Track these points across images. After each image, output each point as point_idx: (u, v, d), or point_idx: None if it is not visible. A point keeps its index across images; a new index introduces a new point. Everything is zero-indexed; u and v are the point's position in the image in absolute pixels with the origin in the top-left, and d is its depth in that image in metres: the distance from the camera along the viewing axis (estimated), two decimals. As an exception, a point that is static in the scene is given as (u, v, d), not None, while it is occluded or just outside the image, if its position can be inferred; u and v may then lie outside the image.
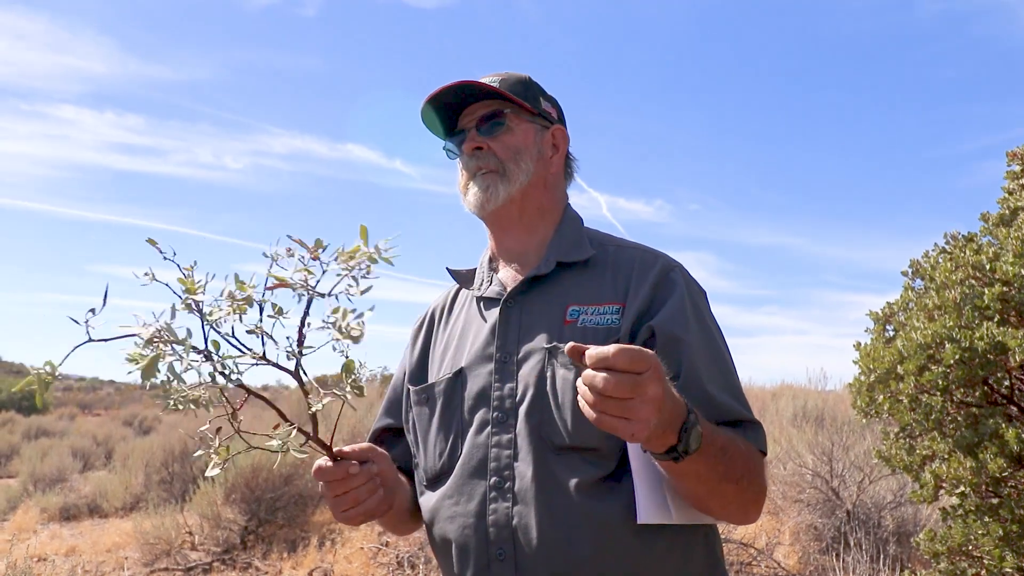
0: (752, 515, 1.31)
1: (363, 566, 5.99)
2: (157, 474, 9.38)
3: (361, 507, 1.29)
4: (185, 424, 11.07)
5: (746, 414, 1.30)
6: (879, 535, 5.67)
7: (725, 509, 1.27)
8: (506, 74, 1.50)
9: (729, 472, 1.19)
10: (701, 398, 1.26)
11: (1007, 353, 2.65)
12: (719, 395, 1.28)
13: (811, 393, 10.56)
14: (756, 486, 1.26)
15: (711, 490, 1.20)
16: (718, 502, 1.24)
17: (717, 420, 1.26)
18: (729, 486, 1.21)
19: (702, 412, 1.25)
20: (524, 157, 1.45)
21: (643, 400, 0.99)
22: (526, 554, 1.27)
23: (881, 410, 3.05)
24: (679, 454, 1.09)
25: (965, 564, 2.88)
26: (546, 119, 1.52)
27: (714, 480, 1.18)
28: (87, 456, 13.65)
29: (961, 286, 2.86)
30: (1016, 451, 2.59)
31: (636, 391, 0.98)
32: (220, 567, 6.63)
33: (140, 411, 23.71)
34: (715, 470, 1.16)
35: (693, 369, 1.28)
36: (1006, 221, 3.02)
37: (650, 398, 0.99)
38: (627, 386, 0.97)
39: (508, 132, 1.46)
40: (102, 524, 8.97)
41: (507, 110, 1.46)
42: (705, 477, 1.17)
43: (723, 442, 1.18)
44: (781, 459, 6.73)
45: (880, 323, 3.61)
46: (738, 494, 1.23)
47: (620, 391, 0.97)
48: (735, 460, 1.20)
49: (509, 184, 1.44)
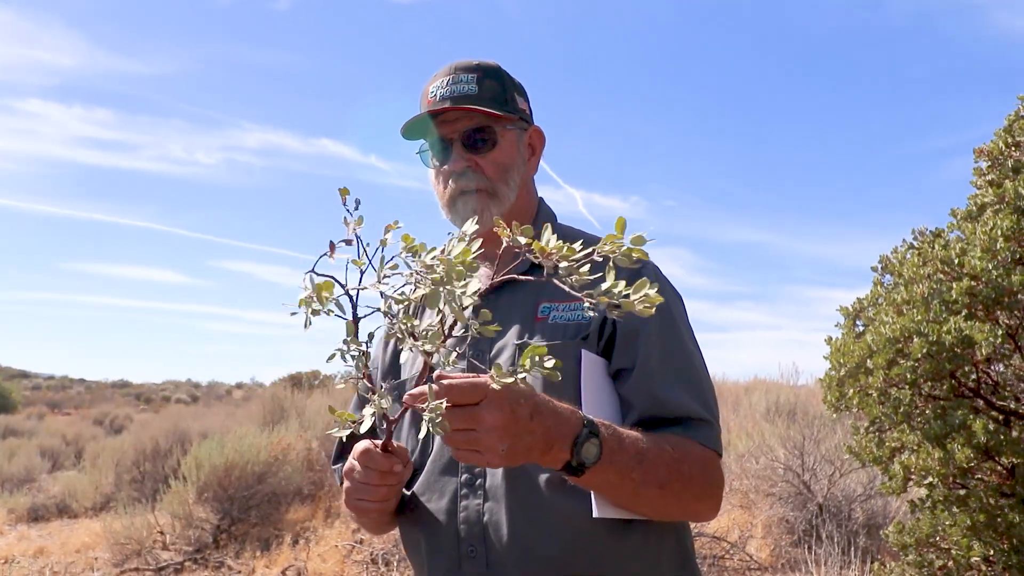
0: (704, 513, 1.31)
1: (337, 564, 5.95)
2: (128, 473, 9.26)
3: (380, 504, 1.27)
4: (157, 423, 10.94)
5: (698, 411, 1.29)
6: (849, 527, 5.74)
7: (659, 513, 1.26)
8: (477, 68, 1.47)
9: (648, 478, 1.17)
10: (648, 395, 1.26)
11: (974, 347, 2.70)
12: (670, 392, 1.27)
13: (783, 388, 10.68)
14: (695, 486, 1.24)
15: (631, 496, 1.19)
16: (646, 507, 1.23)
17: (663, 417, 1.26)
18: (651, 491, 1.19)
19: (649, 409, 1.26)
20: (512, 174, 1.45)
21: (484, 429, 1.01)
22: (497, 551, 1.26)
23: (851, 404, 3.09)
24: (575, 469, 1.10)
25: (933, 555, 2.92)
26: (524, 120, 1.51)
27: (630, 487, 1.17)
28: (56, 456, 13.45)
29: (929, 281, 2.90)
30: (983, 442, 2.63)
31: (474, 422, 1.01)
32: (192, 567, 6.55)
33: (111, 410, 23.40)
34: (629, 478, 1.15)
35: (646, 364, 1.28)
36: (974, 216, 3.06)
37: (490, 426, 1.01)
38: (461, 418, 1.00)
39: (495, 148, 1.44)
40: (71, 525, 8.83)
41: (492, 125, 1.44)
42: (618, 486, 1.16)
43: (638, 448, 1.17)
44: (754, 453, 6.79)
45: (850, 318, 3.65)
46: (665, 498, 1.21)
47: (458, 424, 1.00)
48: (655, 465, 1.18)
49: (500, 205, 1.44)
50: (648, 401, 1.26)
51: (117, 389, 40.76)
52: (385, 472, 1.21)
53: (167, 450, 9.32)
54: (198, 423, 10.89)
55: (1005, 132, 2.90)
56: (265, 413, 10.15)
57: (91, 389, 40.38)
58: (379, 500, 1.25)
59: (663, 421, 1.26)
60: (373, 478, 1.22)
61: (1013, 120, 2.88)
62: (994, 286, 2.67)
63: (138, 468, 9.22)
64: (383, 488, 1.23)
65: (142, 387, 41.55)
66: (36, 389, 38.18)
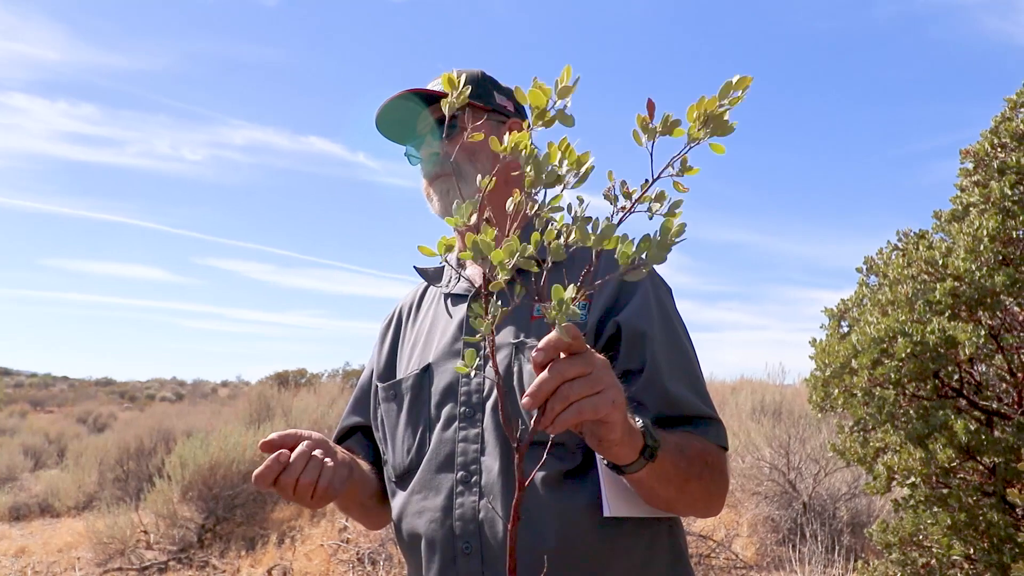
0: (715, 508, 1.32)
1: (323, 563, 5.93)
2: (112, 472, 9.20)
3: (314, 487, 1.22)
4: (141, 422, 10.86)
5: (706, 411, 1.31)
6: (834, 526, 5.78)
7: (692, 506, 1.27)
8: (461, 72, 1.49)
9: (691, 469, 1.19)
10: (661, 394, 1.27)
11: (957, 347, 2.71)
12: (680, 392, 1.29)
13: (769, 387, 10.72)
14: (718, 480, 1.27)
15: (679, 489, 1.20)
16: (686, 500, 1.24)
17: (676, 416, 1.27)
18: (694, 483, 1.21)
19: (662, 409, 1.26)
20: (480, 156, 1.46)
21: (598, 368, 0.95)
22: (492, 548, 1.26)
23: (836, 404, 3.10)
24: (653, 449, 1.09)
25: (916, 554, 2.94)
26: (502, 114, 1.52)
27: (680, 479, 1.18)
28: (39, 454, 13.34)
29: (913, 282, 2.92)
30: (964, 442, 2.65)
31: (590, 364, 0.94)
32: (176, 566, 6.51)
33: (94, 408, 23.23)
34: (679, 468, 1.16)
35: (656, 365, 1.28)
36: (958, 217, 3.08)
37: (603, 363, 0.96)
38: (580, 364, 0.93)
39: (462, 133, 1.46)
40: (53, 524, 8.76)
41: (461, 115, 1.47)
42: (672, 476, 1.17)
43: (677, 439, 1.19)
44: (740, 452, 6.83)
45: (835, 319, 3.67)
46: (703, 490, 1.24)
47: (580, 367, 0.93)
48: (693, 457, 1.21)
49: (467, 184, 1.44)
50: (660, 400, 1.26)
51: (101, 387, 40.45)
52: (282, 468, 1.19)
53: (151, 449, 9.27)
54: (183, 421, 10.83)
55: (991, 133, 2.92)
56: (251, 411, 10.11)
57: (74, 387, 40.07)
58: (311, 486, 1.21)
59: (674, 420, 1.27)
60: (283, 481, 1.20)
61: (1000, 121, 2.90)
62: (977, 287, 2.69)
63: (122, 467, 9.16)
64: (302, 480, 1.20)
65: (126, 385, 41.25)
66: (19, 387, 37.82)
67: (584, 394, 0.93)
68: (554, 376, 0.91)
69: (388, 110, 1.50)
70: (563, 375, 0.92)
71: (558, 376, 0.92)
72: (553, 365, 0.92)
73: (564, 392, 0.92)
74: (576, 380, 0.92)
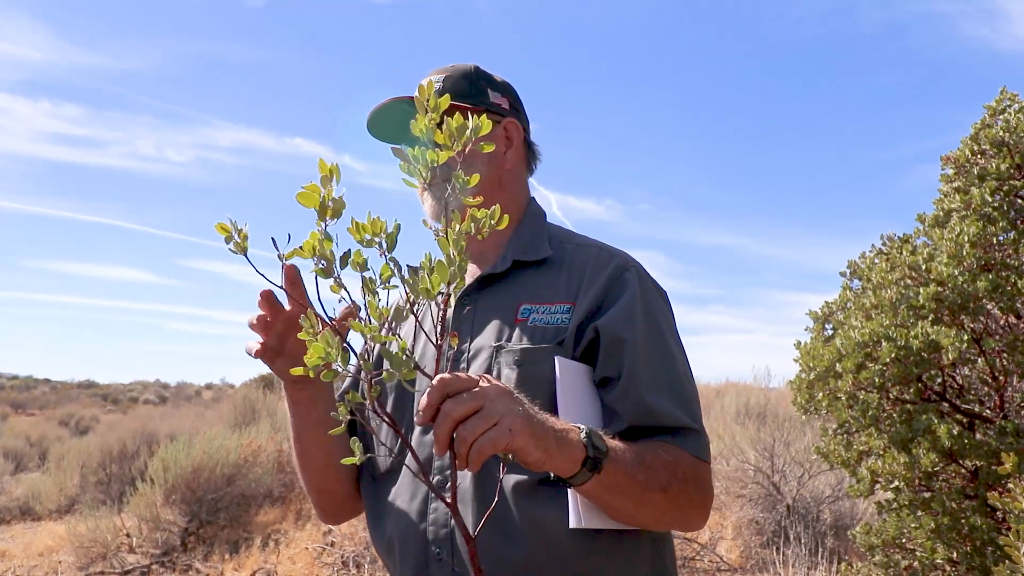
0: (694, 522, 1.28)
1: (307, 566, 5.90)
2: (94, 475, 9.12)
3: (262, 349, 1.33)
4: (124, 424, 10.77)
5: (686, 421, 1.26)
6: (818, 529, 5.81)
7: (659, 519, 1.23)
8: (451, 69, 1.47)
9: (651, 480, 1.16)
10: (636, 404, 1.24)
11: (940, 351, 2.74)
12: (658, 401, 1.25)
13: (754, 390, 10.78)
14: (692, 493, 1.23)
15: (637, 500, 1.17)
16: (649, 513, 1.20)
17: (651, 426, 1.24)
18: (655, 495, 1.17)
19: (636, 419, 1.24)
20: (475, 161, 1.41)
21: (491, 398, 0.96)
22: (461, 555, 1.25)
23: (820, 407, 3.12)
24: (596, 460, 1.07)
25: (899, 556, 2.96)
26: (496, 113, 1.47)
27: (637, 490, 1.15)
28: (20, 457, 13.18)
29: (897, 286, 2.94)
30: (947, 446, 2.67)
31: (481, 398, 0.95)
32: (159, 570, 6.46)
33: (77, 411, 22.98)
34: (635, 479, 1.13)
35: (633, 373, 1.25)
36: (941, 223, 3.11)
37: (497, 393, 0.97)
38: (469, 401, 0.94)
39: None
40: (34, 527, 8.67)
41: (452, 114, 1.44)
42: (626, 487, 1.14)
43: (635, 450, 1.16)
44: (724, 455, 6.85)
45: (819, 322, 3.69)
46: (668, 502, 1.19)
47: (468, 405, 0.94)
48: (655, 468, 1.17)
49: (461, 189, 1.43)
50: (635, 410, 1.24)
51: (83, 389, 40.05)
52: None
53: (134, 451, 9.19)
54: (166, 424, 10.75)
55: (971, 140, 2.95)
56: (235, 414, 10.06)
57: (56, 389, 39.62)
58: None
59: (651, 430, 1.24)
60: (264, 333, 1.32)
61: (979, 128, 2.93)
62: (960, 292, 2.71)
63: (104, 470, 9.08)
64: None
65: (109, 387, 40.85)
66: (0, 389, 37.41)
67: (479, 431, 0.94)
68: (445, 421, 0.94)
69: (381, 113, 1.48)
70: (452, 419, 0.94)
71: (449, 421, 0.94)
72: (441, 409, 0.94)
73: (461, 435, 0.94)
74: (469, 419, 0.94)
